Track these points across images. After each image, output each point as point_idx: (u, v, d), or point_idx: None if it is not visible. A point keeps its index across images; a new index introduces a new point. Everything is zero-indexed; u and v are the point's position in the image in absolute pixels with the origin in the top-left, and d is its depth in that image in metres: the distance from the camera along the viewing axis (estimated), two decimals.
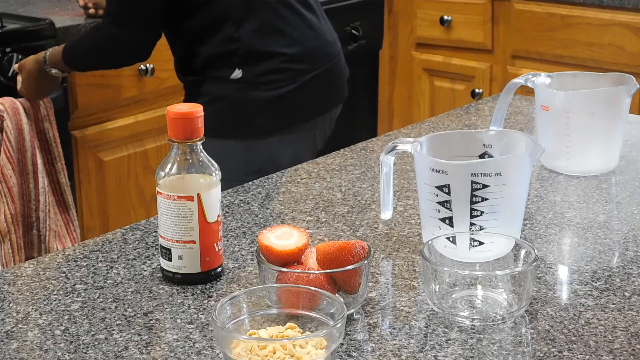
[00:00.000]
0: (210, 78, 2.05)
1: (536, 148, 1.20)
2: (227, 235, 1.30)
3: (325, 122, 2.19)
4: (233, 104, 2.04)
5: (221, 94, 2.04)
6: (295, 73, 2.06)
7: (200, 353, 1.01)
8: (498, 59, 3.20)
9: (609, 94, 1.50)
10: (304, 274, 1.04)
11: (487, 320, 1.07)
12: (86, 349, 1.02)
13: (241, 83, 2.03)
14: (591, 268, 1.21)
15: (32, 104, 2.30)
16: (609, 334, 1.04)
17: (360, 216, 1.37)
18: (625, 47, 2.90)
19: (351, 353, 1.01)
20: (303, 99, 2.08)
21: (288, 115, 2.08)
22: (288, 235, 1.09)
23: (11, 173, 2.26)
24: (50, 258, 1.25)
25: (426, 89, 3.41)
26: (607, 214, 1.39)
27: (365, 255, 1.07)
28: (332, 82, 2.17)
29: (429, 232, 1.22)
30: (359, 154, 1.64)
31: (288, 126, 2.09)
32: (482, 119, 1.83)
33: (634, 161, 1.59)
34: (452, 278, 1.12)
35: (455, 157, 1.21)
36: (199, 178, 1.15)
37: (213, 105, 1.99)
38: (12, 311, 1.10)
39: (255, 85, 2.03)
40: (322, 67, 2.11)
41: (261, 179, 1.53)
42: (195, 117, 1.13)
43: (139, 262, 1.23)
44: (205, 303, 1.12)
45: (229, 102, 2.04)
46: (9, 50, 2.35)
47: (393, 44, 3.45)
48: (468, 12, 3.22)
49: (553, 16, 3.02)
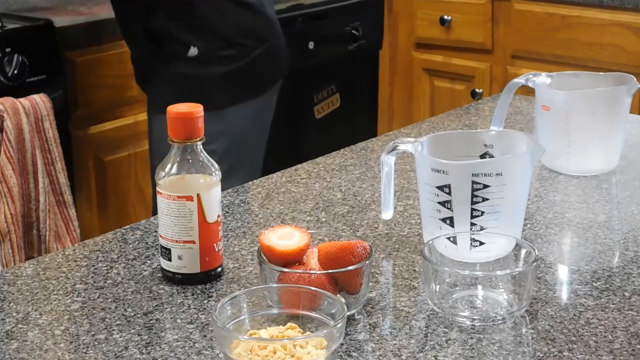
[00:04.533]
0: (167, 57, 2.18)
1: (537, 148, 1.20)
2: (227, 235, 1.30)
3: (274, 92, 2.34)
4: (191, 80, 2.17)
5: (178, 71, 2.17)
6: (244, 49, 2.19)
7: (200, 353, 1.01)
8: (498, 59, 3.20)
9: (609, 94, 1.50)
10: (306, 274, 1.04)
11: (488, 320, 1.07)
12: (86, 349, 1.02)
13: (198, 60, 2.15)
14: (591, 268, 1.21)
15: (32, 104, 2.30)
16: (609, 334, 1.04)
17: (360, 216, 1.37)
18: (625, 47, 2.90)
19: (351, 353, 1.01)
20: (252, 74, 2.22)
21: (239, 90, 2.21)
22: (289, 235, 1.09)
23: (11, 173, 2.26)
24: (50, 258, 1.25)
25: (426, 89, 3.41)
26: (607, 214, 1.39)
27: (367, 255, 1.07)
28: (275, 58, 2.31)
29: (430, 232, 1.22)
30: (359, 154, 1.64)
31: (241, 99, 2.23)
32: (482, 119, 1.83)
33: (634, 161, 1.59)
34: (452, 278, 1.12)
35: (456, 157, 1.21)
36: (199, 178, 1.15)
37: (171, 82, 2.16)
38: (12, 311, 1.10)
39: (210, 61, 2.16)
40: (266, 43, 2.24)
41: (261, 179, 1.53)
42: (195, 117, 1.13)
43: (139, 262, 1.23)
44: (205, 303, 1.12)
45: (186, 79, 2.17)
46: (9, 50, 2.35)
47: (393, 44, 3.45)
48: (468, 12, 3.22)
49: (553, 16, 3.02)
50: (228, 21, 2.18)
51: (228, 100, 2.20)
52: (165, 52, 2.18)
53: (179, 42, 2.15)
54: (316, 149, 2.04)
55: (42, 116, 2.33)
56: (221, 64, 2.17)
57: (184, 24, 2.15)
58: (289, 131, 3.09)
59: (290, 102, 3.07)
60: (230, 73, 2.18)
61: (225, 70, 2.17)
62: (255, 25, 2.23)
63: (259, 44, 2.22)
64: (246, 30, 2.20)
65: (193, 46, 2.14)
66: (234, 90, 2.20)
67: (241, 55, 2.19)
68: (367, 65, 3.39)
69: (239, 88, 2.20)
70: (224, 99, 2.19)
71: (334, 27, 3.15)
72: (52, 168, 2.37)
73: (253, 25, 2.22)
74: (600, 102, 1.48)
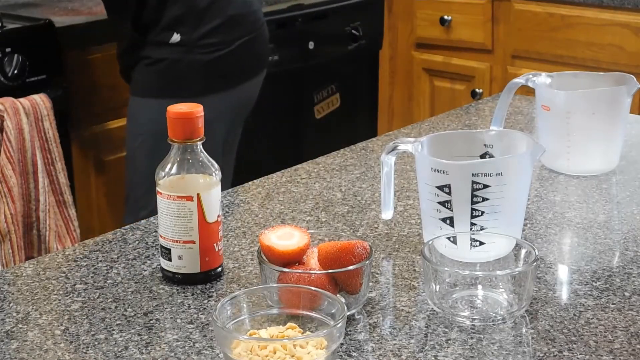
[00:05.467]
0: (150, 42, 2.22)
1: (537, 148, 1.20)
2: (227, 235, 1.30)
3: (253, 85, 2.37)
4: (171, 66, 2.21)
5: (160, 56, 2.21)
6: (227, 39, 2.23)
7: (200, 353, 1.01)
8: (498, 59, 3.20)
9: (609, 94, 1.50)
10: (306, 274, 1.04)
11: (487, 320, 1.07)
12: (86, 349, 1.02)
13: (180, 46, 2.20)
14: (591, 268, 1.21)
15: (32, 104, 2.30)
16: (609, 334, 1.04)
17: (360, 216, 1.37)
18: (625, 47, 2.90)
19: (351, 353, 1.01)
20: (233, 64, 2.26)
21: (220, 78, 2.24)
22: (289, 235, 1.09)
23: (11, 173, 2.26)
24: (50, 258, 1.25)
25: (426, 89, 3.41)
26: (607, 214, 1.38)
27: (367, 255, 1.07)
28: (258, 49, 2.35)
29: (430, 232, 1.22)
30: (359, 154, 1.64)
31: (220, 89, 2.27)
32: (482, 119, 1.83)
33: (634, 161, 1.59)
34: (452, 278, 1.12)
35: (456, 157, 1.21)
36: (198, 178, 1.15)
37: (152, 67, 2.22)
38: (12, 311, 1.10)
39: (191, 49, 2.20)
40: (250, 34, 2.28)
41: (261, 179, 1.53)
42: (195, 117, 1.13)
43: (139, 262, 1.23)
44: (205, 303, 1.12)
45: (167, 64, 2.21)
46: (9, 50, 2.35)
47: (393, 44, 3.45)
48: (468, 12, 3.22)
49: (553, 16, 3.02)
50: (213, 10, 2.21)
51: (207, 88, 2.24)
52: (150, 39, 2.22)
53: (164, 29, 2.19)
54: (316, 149, 2.04)
55: (42, 116, 2.33)
56: (202, 52, 2.21)
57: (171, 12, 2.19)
58: (289, 131, 3.09)
59: (290, 102, 3.08)
60: (211, 62, 2.22)
61: (207, 59, 2.21)
62: (240, 15, 2.26)
63: (242, 35, 2.26)
64: (230, 20, 2.23)
65: (176, 33, 2.19)
66: (213, 78, 2.23)
67: (223, 44, 2.22)
68: (367, 65, 3.39)
69: (218, 77, 2.24)
70: (203, 87, 2.23)
71: (334, 27, 3.15)
72: (52, 168, 2.37)
73: (237, 16, 2.25)
74: (600, 102, 1.48)
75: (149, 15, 2.21)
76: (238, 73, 2.30)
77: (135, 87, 2.29)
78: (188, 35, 2.20)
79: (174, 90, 2.21)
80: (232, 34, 2.24)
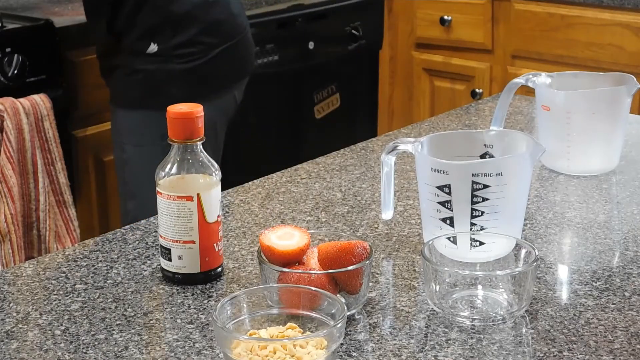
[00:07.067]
0: (127, 50, 2.18)
1: (537, 148, 1.20)
2: (227, 235, 1.30)
3: (233, 93, 2.33)
4: (149, 76, 2.17)
5: (138, 67, 2.18)
6: (206, 47, 2.20)
7: (200, 353, 1.01)
8: (498, 59, 3.20)
9: (609, 94, 1.50)
10: (306, 274, 1.04)
11: (487, 320, 1.07)
12: (86, 349, 1.02)
13: (157, 57, 2.16)
14: (591, 268, 1.21)
15: (32, 104, 2.30)
16: (609, 334, 1.04)
17: (360, 216, 1.37)
18: (625, 47, 2.90)
19: (351, 353, 1.01)
20: (213, 72, 2.22)
21: (200, 87, 2.21)
22: (289, 235, 1.09)
23: (11, 173, 2.26)
24: (50, 258, 1.25)
25: (426, 89, 3.41)
26: (607, 214, 1.38)
27: (367, 255, 1.07)
28: (240, 55, 2.30)
29: (430, 232, 1.22)
30: (359, 154, 1.64)
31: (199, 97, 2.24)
32: (482, 119, 1.83)
33: (634, 161, 1.59)
34: (452, 278, 1.12)
35: (456, 157, 1.21)
36: (198, 178, 1.15)
37: (131, 78, 2.18)
38: (12, 311, 1.10)
39: (169, 59, 2.17)
40: (230, 40, 2.24)
41: (261, 179, 1.53)
42: (195, 117, 1.13)
43: (139, 262, 1.23)
44: (205, 303, 1.12)
45: (145, 75, 2.17)
46: (9, 50, 2.35)
47: (393, 44, 3.45)
48: (468, 12, 3.22)
49: (553, 16, 3.02)
50: (190, 18, 2.18)
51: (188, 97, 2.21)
52: (126, 47, 2.19)
53: (140, 38, 2.16)
54: (316, 149, 2.04)
55: (42, 116, 2.33)
56: (180, 61, 2.18)
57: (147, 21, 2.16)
58: (289, 131, 3.09)
59: (290, 102, 3.08)
60: (189, 70, 2.18)
61: (185, 68, 2.18)
62: (219, 22, 2.23)
63: (222, 42, 2.22)
64: (209, 27, 2.20)
65: (153, 43, 2.15)
66: (193, 87, 2.20)
67: (202, 53, 2.19)
68: (367, 65, 3.39)
69: (198, 85, 2.21)
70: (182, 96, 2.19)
71: (334, 27, 3.15)
72: (52, 168, 2.37)
73: (216, 23, 2.22)
74: (600, 102, 1.48)
75: (123, 20, 2.17)
76: (220, 80, 2.26)
77: (116, 97, 2.26)
78: (165, 45, 2.16)
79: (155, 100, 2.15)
80: (211, 41, 2.20)
